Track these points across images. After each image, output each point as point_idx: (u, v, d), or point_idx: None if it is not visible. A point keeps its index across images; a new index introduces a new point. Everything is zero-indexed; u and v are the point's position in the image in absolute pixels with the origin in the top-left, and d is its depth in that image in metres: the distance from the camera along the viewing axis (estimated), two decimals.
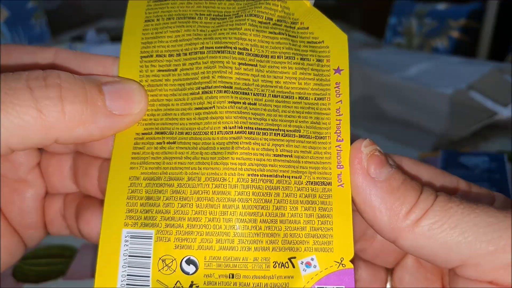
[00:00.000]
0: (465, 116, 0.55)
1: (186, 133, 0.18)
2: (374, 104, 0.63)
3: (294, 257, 0.17)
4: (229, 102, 0.17)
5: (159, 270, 0.16)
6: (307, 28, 0.19)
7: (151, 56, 0.19)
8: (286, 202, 0.17)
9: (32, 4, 0.97)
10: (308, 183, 0.17)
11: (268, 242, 0.17)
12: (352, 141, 0.18)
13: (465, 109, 0.55)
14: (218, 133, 0.17)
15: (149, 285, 0.16)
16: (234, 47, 0.18)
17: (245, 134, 0.17)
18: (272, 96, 0.18)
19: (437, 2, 1.26)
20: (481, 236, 0.15)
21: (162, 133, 0.18)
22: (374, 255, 0.21)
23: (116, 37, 0.93)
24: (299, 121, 0.18)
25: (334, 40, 0.19)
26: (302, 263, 0.17)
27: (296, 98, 0.18)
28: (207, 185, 0.17)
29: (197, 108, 0.18)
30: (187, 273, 0.16)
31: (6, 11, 0.89)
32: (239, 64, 0.18)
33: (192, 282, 0.16)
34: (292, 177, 0.17)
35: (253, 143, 0.17)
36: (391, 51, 1.04)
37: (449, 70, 0.72)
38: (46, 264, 0.34)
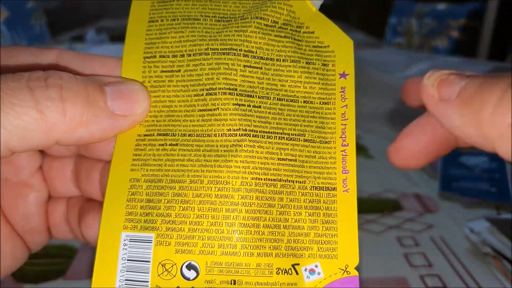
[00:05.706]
0: None
1: (189, 135, 0.17)
2: (374, 104, 0.63)
3: (298, 264, 0.16)
4: (233, 104, 0.17)
5: (159, 275, 0.16)
6: (313, 32, 0.19)
7: (154, 56, 0.18)
8: (290, 207, 0.17)
9: (32, 4, 0.97)
10: (312, 188, 0.17)
11: (271, 248, 0.16)
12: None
13: None
14: (221, 136, 0.17)
15: None
16: (239, 49, 0.18)
17: (249, 137, 0.17)
18: (277, 99, 0.18)
19: (437, 2, 1.26)
20: None
21: (164, 134, 0.18)
22: None
23: (116, 37, 0.93)
24: (303, 125, 0.18)
25: (339, 45, 0.19)
26: (306, 270, 0.16)
27: (301, 102, 0.18)
28: (210, 188, 0.16)
29: (200, 110, 0.18)
30: (188, 279, 0.16)
31: (6, 11, 0.89)
32: (244, 66, 0.18)
33: None
34: (296, 181, 0.17)
35: (257, 146, 0.17)
36: (391, 51, 1.04)
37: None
38: (46, 264, 0.34)
